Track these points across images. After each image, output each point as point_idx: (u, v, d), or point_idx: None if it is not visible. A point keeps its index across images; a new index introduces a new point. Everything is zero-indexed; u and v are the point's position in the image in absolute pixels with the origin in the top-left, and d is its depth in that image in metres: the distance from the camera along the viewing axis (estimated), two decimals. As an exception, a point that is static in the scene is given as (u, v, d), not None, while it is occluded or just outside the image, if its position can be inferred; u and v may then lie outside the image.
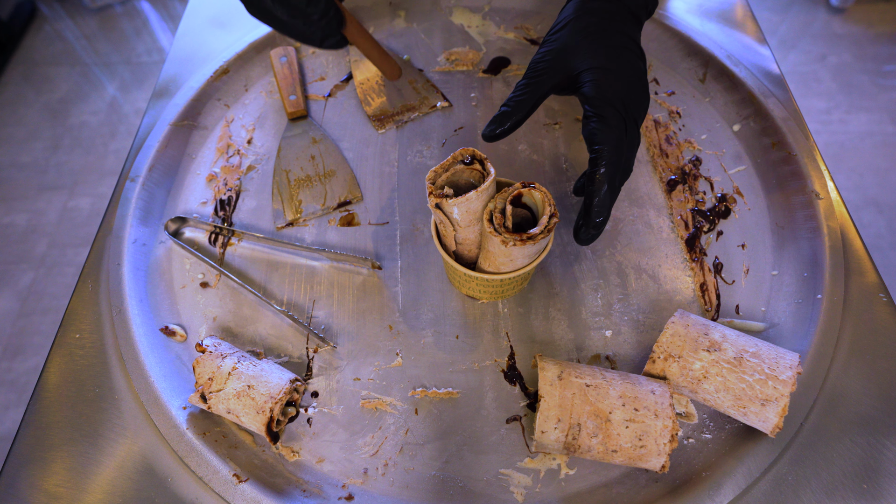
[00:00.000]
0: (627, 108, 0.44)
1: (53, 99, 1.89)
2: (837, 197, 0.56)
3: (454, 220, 0.45)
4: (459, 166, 0.45)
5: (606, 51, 0.45)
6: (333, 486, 0.45)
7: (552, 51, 0.46)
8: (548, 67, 0.46)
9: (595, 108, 0.43)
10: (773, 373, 0.42)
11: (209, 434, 0.46)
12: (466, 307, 0.53)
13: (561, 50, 0.46)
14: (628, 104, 0.44)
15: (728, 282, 0.54)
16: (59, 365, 0.50)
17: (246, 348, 0.51)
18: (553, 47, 0.46)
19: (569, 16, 0.47)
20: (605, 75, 0.44)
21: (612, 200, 0.44)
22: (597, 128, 0.43)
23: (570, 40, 0.46)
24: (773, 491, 0.43)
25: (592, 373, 0.44)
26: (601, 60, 0.44)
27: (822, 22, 2.01)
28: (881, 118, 1.74)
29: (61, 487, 0.44)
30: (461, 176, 0.46)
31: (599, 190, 0.43)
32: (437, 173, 0.45)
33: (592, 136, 0.43)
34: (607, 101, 0.43)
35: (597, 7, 0.46)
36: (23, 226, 1.59)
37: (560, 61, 0.46)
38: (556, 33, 0.47)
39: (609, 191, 0.43)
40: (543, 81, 0.46)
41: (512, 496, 0.44)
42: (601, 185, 0.43)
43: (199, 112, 0.66)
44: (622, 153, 0.43)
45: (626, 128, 0.44)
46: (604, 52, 0.45)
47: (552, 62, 0.46)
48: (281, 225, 0.59)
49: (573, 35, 0.46)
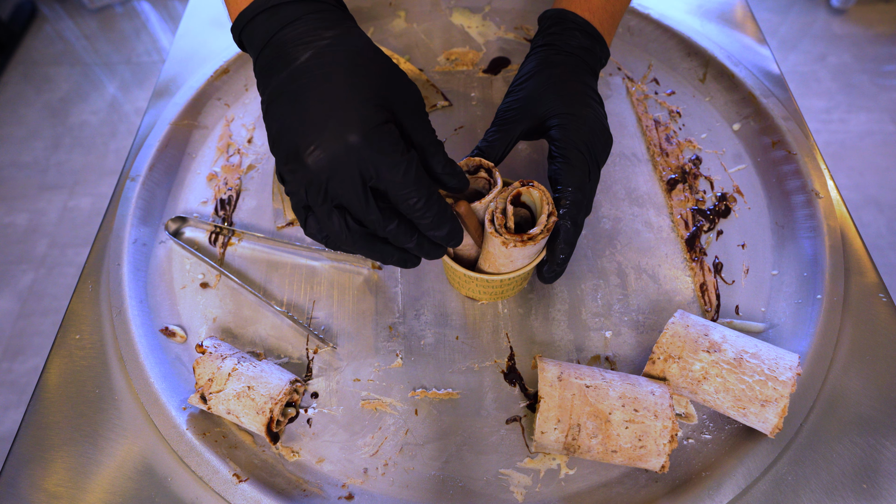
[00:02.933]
0: (591, 151, 0.46)
1: (54, 98, 1.89)
2: (837, 196, 0.56)
3: None
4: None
5: (570, 99, 0.48)
6: (333, 486, 0.45)
7: (519, 99, 0.49)
8: (516, 115, 0.49)
9: (561, 150, 0.46)
10: (772, 374, 0.42)
11: (209, 434, 0.46)
12: (466, 308, 0.53)
13: (528, 98, 0.49)
14: (592, 148, 0.47)
15: (728, 282, 0.54)
16: (59, 365, 0.50)
17: (246, 349, 0.51)
18: (520, 96, 0.50)
19: (532, 69, 0.51)
20: (571, 121, 0.47)
21: (576, 237, 0.46)
22: (562, 169, 0.46)
23: (536, 90, 0.49)
24: (772, 491, 0.43)
25: (592, 374, 0.44)
26: (566, 108, 0.47)
27: (823, 22, 2.01)
28: (881, 118, 1.74)
29: (61, 487, 0.44)
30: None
31: (562, 228, 0.45)
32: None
33: (557, 176, 0.46)
34: (573, 145, 0.46)
35: (558, 60, 0.50)
36: (23, 226, 1.59)
37: (527, 110, 0.49)
38: (522, 84, 0.50)
39: (573, 228, 0.45)
40: (513, 128, 0.48)
41: (512, 496, 0.44)
42: (564, 223, 0.45)
43: (199, 111, 0.66)
44: (585, 193, 0.46)
45: (589, 170, 0.46)
46: (568, 100, 0.48)
47: (520, 110, 0.49)
48: (281, 224, 0.59)
49: (538, 86, 0.49)
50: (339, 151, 0.35)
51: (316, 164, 0.36)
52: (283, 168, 0.38)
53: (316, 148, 0.35)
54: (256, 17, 0.39)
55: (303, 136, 0.36)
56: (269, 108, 0.38)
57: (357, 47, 0.38)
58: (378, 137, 0.36)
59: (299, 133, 0.36)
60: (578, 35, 0.51)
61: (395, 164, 0.36)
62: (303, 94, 0.36)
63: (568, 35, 0.51)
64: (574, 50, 0.51)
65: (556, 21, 0.52)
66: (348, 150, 0.35)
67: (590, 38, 0.51)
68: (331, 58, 0.37)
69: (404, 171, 0.37)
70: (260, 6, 0.39)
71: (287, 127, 0.37)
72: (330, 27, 0.38)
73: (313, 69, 0.37)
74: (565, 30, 0.51)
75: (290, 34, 0.38)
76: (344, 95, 0.36)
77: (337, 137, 0.35)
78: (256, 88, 0.69)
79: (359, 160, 0.36)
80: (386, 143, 0.36)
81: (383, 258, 0.41)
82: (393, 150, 0.36)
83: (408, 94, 0.39)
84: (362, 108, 0.36)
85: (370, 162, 0.36)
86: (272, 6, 0.38)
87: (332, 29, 0.38)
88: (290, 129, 0.37)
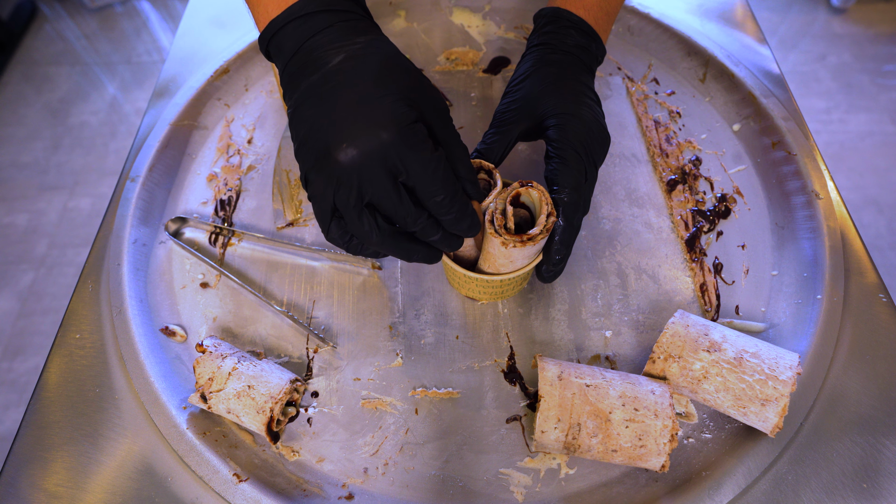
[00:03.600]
0: (588, 151, 0.46)
1: (54, 99, 1.89)
2: (837, 197, 0.56)
3: None
4: None
5: (567, 98, 0.48)
6: (333, 486, 0.45)
7: (517, 100, 0.49)
8: (514, 116, 0.49)
9: (558, 150, 0.46)
10: (772, 373, 0.42)
11: (209, 434, 0.46)
12: (466, 307, 0.53)
13: (525, 99, 0.49)
14: (589, 148, 0.46)
15: (728, 282, 0.54)
16: (59, 365, 0.50)
17: (246, 348, 0.51)
18: (517, 97, 0.49)
19: (529, 68, 0.50)
20: (568, 121, 0.47)
21: (573, 237, 0.46)
22: (558, 169, 0.45)
23: (533, 90, 0.49)
24: (772, 491, 0.43)
25: (592, 373, 0.44)
26: (563, 107, 0.47)
27: (823, 22, 2.01)
28: (881, 118, 1.74)
29: (61, 487, 0.44)
30: None
31: (558, 228, 0.45)
32: None
33: (553, 176, 0.46)
34: (569, 145, 0.46)
35: (555, 59, 0.50)
36: (23, 226, 1.59)
37: (525, 110, 0.49)
38: (518, 85, 0.50)
39: (568, 228, 0.45)
40: (511, 130, 0.48)
41: (512, 496, 0.44)
42: (560, 224, 0.45)
43: (199, 112, 0.66)
44: (581, 193, 0.46)
45: (585, 170, 0.46)
46: (565, 99, 0.48)
47: (518, 111, 0.49)
48: (281, 225, 0.59)
49: (535, 85, 0.49)
50: (373, 148, 0.36)
51: (349, 161, 0.36)
52: (311, 169, 0.38)
53: (349, 145, 0.36)
54: (287, 24, 0.39)
55: (334, 134, 0.36)
56: (298, 110, 0.39)
57: (387, 52, 0.39)
58: (410, 134, 0.37)
59: (330, 132, 0.36)
60: (574, 33, 0.51)
61: (426, 162, 0.37)
62: (333, 95, 0.37)
63: (563, 33, 0.51)
64: (570, 49, 0.50)
65: (551, 20, 0.52)
66: (383, 146, 0.36)
67: (585, 36, 0.51)
68: (362, 60, 0.38)
69: (433, 169, 0.37)
70: (292, 14, 0.39)
71: (317, 127, 0.37)
72: (361, 34, 0.39)
73: (346, 70, 0.37)
74: (560, 28, 0.51)
75: (322, 40, 0.38)
76: (375, 94, 0.36)
77: (371, 134, 0.36)
78: (256, 88, 0.69)
79: (391, 157, 0.36)
80: (417, 140, 0.37)
81: (409, 255, 0.42)
82: (424, 147, 0.37)
83: (435, 96, 0.40)
84: (394, 107, 0.36)
85: (402, 158, 0.36)
86: (304, 14, 0.39)
87: (363, 35, 0.39)
88: (320, 128, 0.37)
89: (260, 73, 0.70)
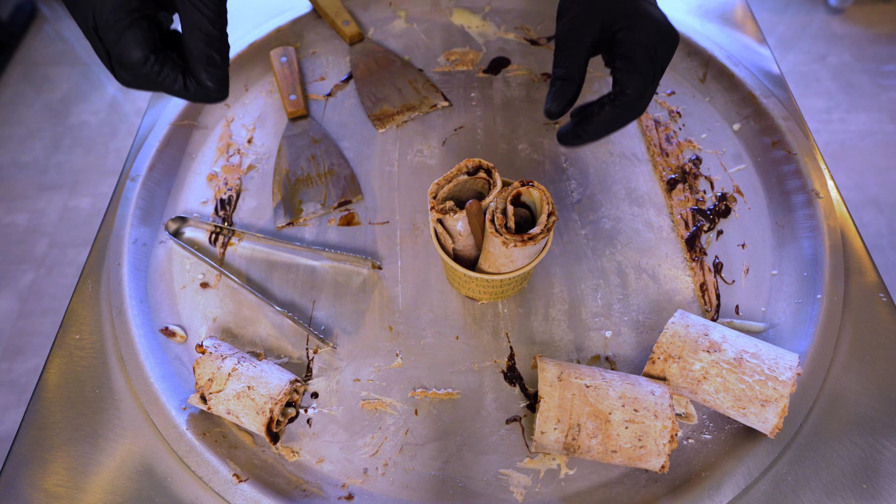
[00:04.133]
0: (657, 52, 0.44)
1: (53, 99, 1.89)
2: (837, 196, 0.56)
3: (457, 231, 0.45)
4: (463, 177, 0.45)
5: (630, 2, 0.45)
6: (333, 486, 0.45)
7: (578, 14, 0.46)
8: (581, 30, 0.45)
9: (629, 52, 0.44)
10: (772, 373, 0.42)
11: (209, 434, 0.46)
12: (466, 308, 0.53)
13: (587, 9, 0.46)
14: (658, 48, 0.44)
15: (728, 282, 0.54)
16: (59, 365, 0.50)
17: (246, 349, 0.51)
18: (578, 11, 0.46)
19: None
20: (639, 21, 0.44)
21: (613, 130, 0.45)
22: (626, 69, 0.44)
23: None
24: (772, 491, 0.43)
25: (592, 373, 0.44)
26: (633, 7, 0.45)
27: (822, 22, 2.01)
28: (881, 118, 1.74)
29: (61, 487, 0.44)
30: (464, 186, 0.46)
31: (608, 118, 0.44)
32: (439, 185, 0.45)
33: (622, 76, 0.44)
34: (641, 46, 0.44)
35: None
36: (23, 226, 1.59)
37: (590, 21, 0.45)
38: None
39: (619, 119, 0.44)
40: (582, 45, 0.45)
41: (512, 496, 0.44)
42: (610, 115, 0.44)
43: (199, 111, 0.66)
44: (644, 99, 0.44)
45: (654, 74, 0.44)
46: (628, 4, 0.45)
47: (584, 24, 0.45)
48: (281, 224, 0.59)
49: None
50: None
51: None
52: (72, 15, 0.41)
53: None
54: None
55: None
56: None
57: None
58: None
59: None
60: None
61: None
62: None
63: None
64: None
65: None
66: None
67: None
68: None
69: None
70: None
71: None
72: None
73: None
74: None
75: None
76: None
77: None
78: (256, 88, 0.69)
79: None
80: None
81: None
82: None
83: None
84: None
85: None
86: None
87: None
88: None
89: (260, 73, 0.70)
